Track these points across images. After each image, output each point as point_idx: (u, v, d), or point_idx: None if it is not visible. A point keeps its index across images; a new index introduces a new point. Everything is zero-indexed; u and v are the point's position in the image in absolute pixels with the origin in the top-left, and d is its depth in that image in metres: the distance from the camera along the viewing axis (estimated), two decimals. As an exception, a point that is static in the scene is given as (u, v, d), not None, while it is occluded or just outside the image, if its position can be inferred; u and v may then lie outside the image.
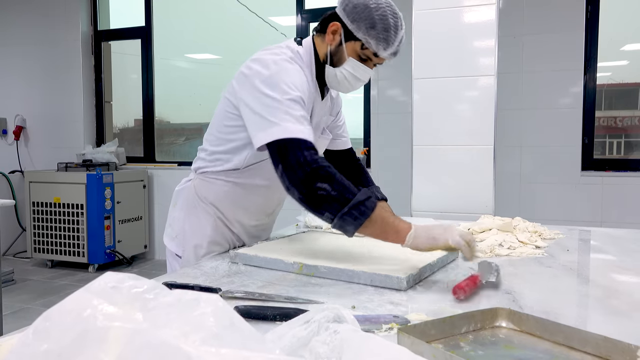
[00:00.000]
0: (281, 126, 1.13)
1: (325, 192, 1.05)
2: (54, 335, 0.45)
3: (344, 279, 1.06)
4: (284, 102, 1.15)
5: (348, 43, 1.27)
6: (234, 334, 0.48)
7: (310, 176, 1.06)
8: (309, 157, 1.08)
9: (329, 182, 1.06)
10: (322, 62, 1.34)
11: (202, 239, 1.40)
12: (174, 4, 5.32)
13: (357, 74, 1.30)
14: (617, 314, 0.87)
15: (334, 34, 1.28)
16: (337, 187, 1.06)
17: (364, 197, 1.05)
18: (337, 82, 1.32)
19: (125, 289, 0.50)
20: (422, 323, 0.72)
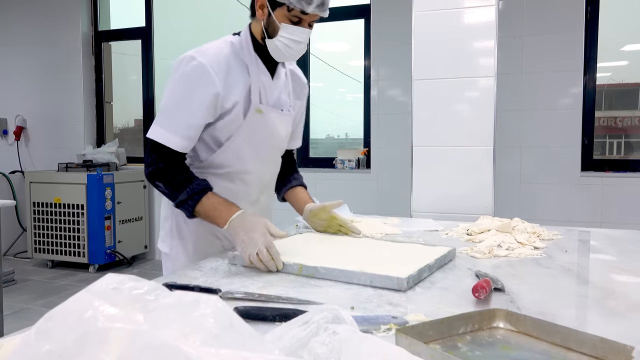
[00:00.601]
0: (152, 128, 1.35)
1: (161, 188, 1.35)
2: (56, 336, 0.45)
3: (344, 279, 1.06)
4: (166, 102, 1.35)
5: (276, 11, 1.33)
6: (234, 335, 0.48)
7: (151, 175, 1.35)
8: (155, 160, 1.33)
9: (163, 182, 1.34)
10: (260, 41, 1.41)
11: (187, 233, 1.48)
12: (174, 5, 5.33)
13: (294, 37, 1.35)
14: (614, 315, 0.88)
15: (262, 9, 1.36)
16: (168, 187, 1.33)
17: (184, 197, 1.31)
18: (280, 51, 1.37)
19: (126, 291, 0.50)
20: (420, 324, 0.73)
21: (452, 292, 1.00)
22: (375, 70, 4.21)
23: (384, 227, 1.72)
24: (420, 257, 1.19)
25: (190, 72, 1.32)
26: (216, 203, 1.30)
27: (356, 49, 4.48)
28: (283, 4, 1.30)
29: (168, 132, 1.32)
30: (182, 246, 1.48)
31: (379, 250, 1.32)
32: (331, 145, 5.08)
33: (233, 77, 1.37)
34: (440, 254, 1.24)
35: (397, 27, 4.09)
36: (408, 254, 1.26)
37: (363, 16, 4.33)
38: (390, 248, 1.34)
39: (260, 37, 1.41)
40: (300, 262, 1.13)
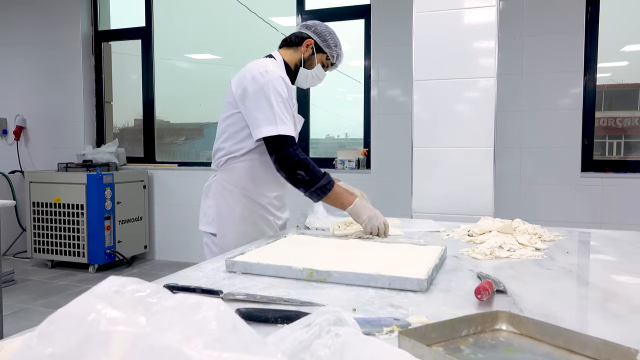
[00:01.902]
0: (273, 127, 1.62)
1: (301, 176, 1.62)
2: (58, 339, 0.45)
3: (360, 283, 1.04)
4: (273, 104, 1.63)
5: (318, 54, 1.84)
6: (236, 338, 0.48)
7: (293, 166, 1.62)
8: (292, 152, 1.62)
9: (304, 171, 1.62)
10: (292, 68, 1.84)
11: (234, 216, 1.76)
12: (174, 5, 5.33)
13: (320, 75, 1.89)
14: (616, 317, 0.88)
15: (308, 47, 1.83)
16: (310, 174, 1.62)
17: (325, 183, 1.63)
18: (307, 80, 1.87)
19: (128, 293, 0.50)
20: (423, 326, 0.73)
21: (454, 294, 1.00)
22: (375, 71, 4.21)
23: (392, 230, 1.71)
24: (421, 258, 1.19)
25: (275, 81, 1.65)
26: (342, 190, 1.67)
27: (356, 49, 4.47)
28: (325, 53, 1.84)
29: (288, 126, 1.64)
30: (228, 226, 1.76)
31: (376, 251, 1.32)
32: (331, 145, 5.07)
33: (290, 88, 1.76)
34: (437, 253, 1.24)
35: (397, 28, 4.08)
36: (407, 255, 1.26)
37: (363, 16, 4.32)
38: (385, 249, 1.34)
39: (294, 65, 1.84)
40: (311, 267, 1.10)
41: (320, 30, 1.83)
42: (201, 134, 5.85)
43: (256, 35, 5.45)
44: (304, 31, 1.84)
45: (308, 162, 1.63)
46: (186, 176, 4.82)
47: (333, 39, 1.84)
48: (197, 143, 5.85)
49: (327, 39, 1.83)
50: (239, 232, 1.74)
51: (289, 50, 1.85)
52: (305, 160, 1.62)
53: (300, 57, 1.83)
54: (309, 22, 1.86)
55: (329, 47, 1.84)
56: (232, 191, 1.77)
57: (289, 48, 1.86)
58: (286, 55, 1.85)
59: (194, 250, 4.64)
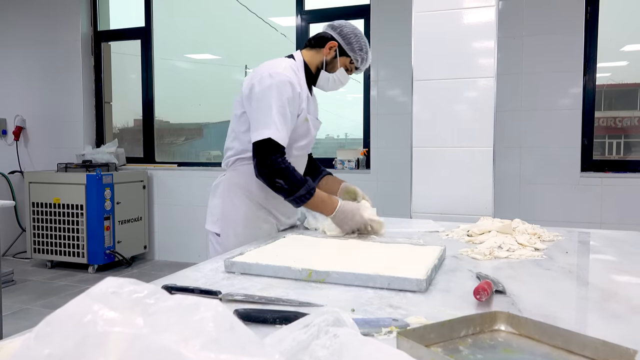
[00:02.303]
0: (263, 131, 1.59)
1: (280, 184, 1.60)
2: (55, 341, 0.45)
3: (358, 283, 1.04)
4: (272, 107, 1.59)
5: (341, 57, 1.77)
6: (234, 339, 0.48)
7: (272, 174, 1.59)
8: (274, 160, 1.58)
9: (283, 179, 1.59)
10: (314, 70, 1.79)
11: (238, 217, 1.74)
12: (174, 5, 5.33)
13: (343, 79, 1.82)
14: (615, 317, 0.88)
15: (331, 50, 1.76)
16: (289, 184, 1.59)
17: (304, 192, 1.60)
18: (328, 83, 1.80)
19: (125, 294, 0.50)
20: (422, 327, 0.73)
21: (453, 294, 1.00)
22: (375, 71, 4.21)
23: None
24: (420, 258, 1.19)
25: (281, 84, 1.61)
26: (323, 197, 1.65)
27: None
28: (349, 57, 1.76)
29: (279, 132, 1.59)
30: (232, 227, 1.74)
31: (374, 251, 1.32)
32: (331, 145, 5.08)
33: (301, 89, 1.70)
34: (437, 253, 1.24)
35: (396, 28, 4.08)
36: (406, 255, 1.26)
37: (363, 16, 4.32)
38: (384, 249, 1.34)
39: (315, 67, 1.79)
40: (310, 268, 1.10)
41: (346, 32, 1.75)
42: (201, 134, 5.85)
43: (256, 35, 5.45)
44: (328, 32, 1.77)
45: (289, 172, 1.60)
46: (186, 176, 4.82)
47: (359, 42, 1.76)
48: (197, 143, 5.85)
49: (352, 41, 1.75)
50: (242, 235, 1.71)
51: (312, 52, 1.79)
52: (286, 170, 1.59)
53: (322, 59, 1.77)
54: (336, 23, 1.79)
55: (354, 50, 1.76)
56: (237, 192, 1.75)
57: (311, 49, 1.80)
58: (307, 56, 1.79)
59: (193, 251, 4.64)
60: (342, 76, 1.79)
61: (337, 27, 1.77)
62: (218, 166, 4.81)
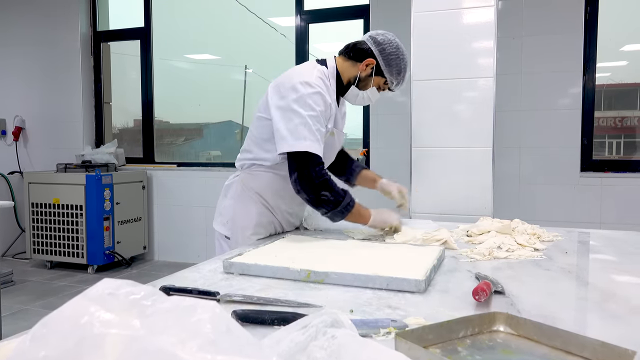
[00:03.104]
0: (301, 142, 1.49)
1: (326, 197, 1.52)
2: (51, 342, 0.45)
3: (357, 284, 1.04)
4: (306, 119, 1.50)
5: (376, 77, 1.67)
6: (231, 341, 0.48)
7: (319, 186, 1.52)
8: (319, 172, 1.51)
9: (329, 192, 1.53)
10: (345, 81, 1.69)
11: (249, 221, 1.68)
12: (174, 5, 5.32)
13: (373, 98, 1.73)
14: (615, 318, 0.87)
15: (367, 67, 1.66)
16: (334, 195, 1.53)
17: (348, 201, 1.55)
18: (356, 99, 1.73)
19: (122, 296, 0.50)
20: (420, 328, 0.72)
21: (452, 295, 1.00)
22: (374, 71, 4.21)
23: None
24: (419, 258, 1.19)
25: (312, 95, 1.53)
26: (361, 210, 1.61)
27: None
28: (384, 77, 1.67)
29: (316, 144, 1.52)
30: (242, 230, 1.69)
31: (373, 252, 1.32)
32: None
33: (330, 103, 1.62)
34: (436, 254, 1.23)
35: (396, 28, 4.03)
36: (405, 255, 1.25)
37: (362, 16, 4.32)
38: (382, 250, 1.34)
39: (347, 79, 1.69)
40: (308, 268, 1.09)
41: (388, 52, 1.63)
42: (200, 134, 5.85)
43: (255, 35, 5.45)
44: (370, 46, 1.65)
45: (333, 183, 1.54)
46: (185, 177, 4.82)
47: (398, 65, 1.64)
48: (197, 143, 5.85)
49: (392, 63, 1.64)
50: (250, 240, 1.67)
51: (347, 63, 1.69)
52: (330, 181, 1.53)
53: (356, 74, 1.67)
54: (380, 37, 1.65)
55: (392, 73, 1.66)
56: (251, 197, 1.69)
57: (347, 59, 1.69)
58: (342, 66, 1.69)
59: (193, 251, 4.64)
60: (372, 95, 1.71)
61: (380, 43, 1.64)
62: (218, 166, 4.80)
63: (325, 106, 1.56)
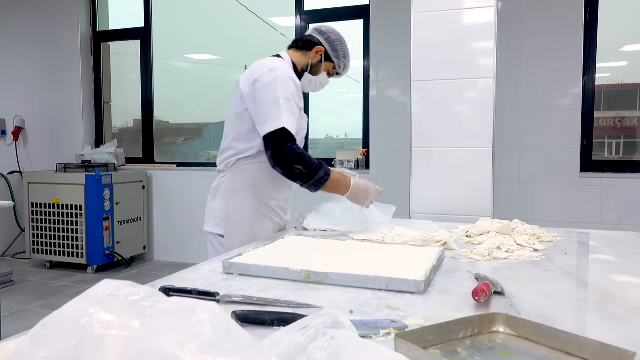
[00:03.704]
0: (275, 121, 1.61)
1: (299, 170, 1.62)
2: (51, 344, 0.45)
3: (357, 285, 1.04)
4: (279, 99, 1.62)
5: (325, 62, 1.84)
6: (231, 342, 0.48)
7: (290, 161, 1.61)
8: (289, 147, 1.61)
9: (302, 164, 1.62)
10: (299, 69, 1.84)
11: (243, 216, 1.74)
12: (174, 5, 5.32)
13: (324, 83, 1.90)
14: (614, 319, 0.87)
15: (317, 53, 1.83)
16: (307, 168, 1.63)
17: (322, 174, 1.65)
18: (310, 85, 1.87)
19: (122, 297, 0.49)
20: (420, 329, 0.72)
21: (451, 296, 1.00)
22: (374, 71, 4.21)
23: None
24: (418, 259, 1.19)
25: (283, 78, 1.66)
26: (337, 177, 1.71)
27: (355, 49, 4.47)
28: (333, 62, 1.84)
29: (290, 121, 1.62)
30: (237, 227, 1.74)
31: (373, 252, 1.32)
32: (330, 145, 5.07)
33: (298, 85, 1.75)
34: (435, 254, 1.23)
35: (396, 28, 4.08)
36: (405, 256, 1.25)
37: (362, 17, 4.32)
38: (382, 250, 1.33)
39: (301, 67, 1.84)
40: (308, 269, 1.09)
41: (333, 39, 1.82)
42: (200, 134, 5.84)
43: (255, 35, 5.45)
44: (316, 36, 1.83)
45: (305, 155, 1.64)
46: (185, 177, 4.82)
47: (344, 49, 1.84)
48: (197, 143, 5.84)
49: (337, 49, 1.82)
50: (248, 234, 1.71)
51: (298, 53, 1.85)
52: (302, 154, 1.63)
53: (308, 62, 1.83)
54: (323, 28, 1.85)
55: (338, 57, 1.83)
56: (242, 192, 1.75)
57: (298, 50, 1.86)
58: (294, 57, 1.85)
59: (193, 251, 4.63)
60: (323, 80, 1.87)
61: (325, 32, 1.83)
62: (217, 166, 4.80)
63: (296, 87, 1.70)
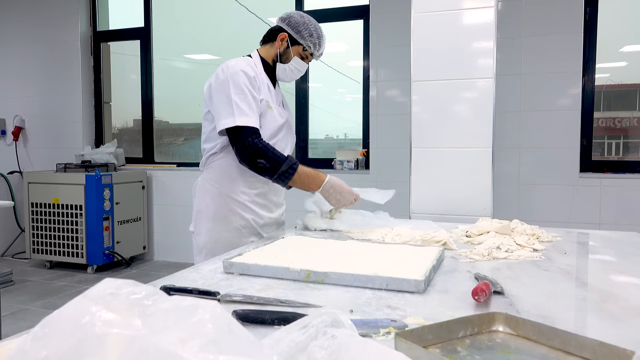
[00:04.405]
0: (232, 118, 1.63)
1: (262, 164, 1.62)
2: (52, 342, 0.45)
3: (357, 284, 1.04)
4: (231, 96, 1.64)
5: (293, 47, 1.80)
6: (232, 341, 0.48)
7: (252, 155, 1.61)
8: (250, 142, 1.61)
9: (264, 158, 1.61)
10: (271, 63, 1.84)
11: (209, 214, 1.78)
12: (173, 5, 5.32)
13: (300, 67, 1.84)
14: (613, 318, 0.88)
15: (282, 41, 1.81)
16: (270, 162, 1.62)
17: (286, 168, 1.63)
18: (286, 74, 1.84)
19: (123, 295, 0.50)
20: (420, 328, 0.73)
21: (451, 295, 1.00)
22: (374, 71, 4.21)
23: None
24: (418, 259, 1.19)
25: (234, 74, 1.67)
26: (308, 172, 1.67)
27: (355, 49, 4.47)
28: (301, 45, 1.79)
29: (245, 117, 1.63)
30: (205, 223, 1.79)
31: (373, 252, 1.32)
32: (330, 145, 5.07)
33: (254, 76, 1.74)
34: (435, 254, 1.24)
35: (396, 28, 4.09)
36: (405, 256, 1.25)
37: (362, 17, 4.33)
38: (382, 250, 1.34)
39: (271, 60, 1.84)
40: (308, 268, 1.10)
41: (294, 22, 1.79)
42: (200, 134, 5.84)
43: (255, 35, 5.44)
44: (278, 24, 1.83)
45: (267, 149, 1.63)
46: (185, 177, 4.82)
47: (307, 29, 1.78)
48: (196, 143, 5.84)
49: (300, 29, 1.78)
50: (211, 231, 1.76)
51: (266, 46, 1.85)
52: (264, 148, 1.62)
53: (276, 52, 1.82)
54: (284, 14, 1.83)
55: (304, 38, 1.79)
56: (210, 189, 1.79)
57: (266, 44, 1.86)
58: (263, 51, 1.86)
59: (192, 251, 4.63)
60: (298, 64, 1.82)
61: (285, 18, 1.81)
62: (217, 166, 4.81)
63: (249, 79, 1.68)
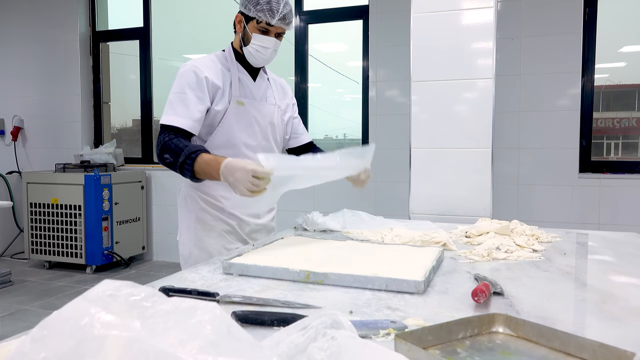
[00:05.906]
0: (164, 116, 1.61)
1: (167, 159, 1.55)
2: (51, 344, 0.45)
3: (357, 285, 1.04)
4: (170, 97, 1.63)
5: (249, 24, 1.66)
6: (231, 342, 0.48)
7: (160, 151, 1.56)
8: (162, 139, 1.56)
9: (168, 153, 1.54)
10: (240, 51, 1.73)
11: (189, 221, 1.76)
12: (173, 5, 5.32)
13: (263, 44, 1.67)
14: (613, 319, 0.88)
15: (239, 23, 1.70)
16: (172, 155, 1.53)
17: (182, 159, 1.50)
18: (253, 56, 1.70)
19: (122, 297, 0.50)
20: (419, 329, 0.72)
21: (451, 296, 1.00)
22: (373, 71, 4.21)
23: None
24: (418, 259, 1.19)
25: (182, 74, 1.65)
26: (208, 159, 1.47)
27: (354, 49, 4.47)
28: (253, 18, 1.63)
29: (172, 116, 1.59)
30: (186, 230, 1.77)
31: (373, 253, 1.32)
32: (330, 145, 5.07)
33: (216, 74, 1.67)
34: (435, 255, 1.23)
35: (395, 28, 4.09)
36: (404, 256, 1.25)
37: (361, 17, 4.32)
38: (381, 251, 1.34)
39: (239, 48, 1.73)
40: (308, 269, 1.10)
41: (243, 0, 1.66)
42: (199, 134, 5.84)
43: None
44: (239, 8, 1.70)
45: (172, 143, 1.53)
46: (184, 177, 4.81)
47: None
48: (195, 144, 5.84)
49: (246, 3, 1.62)
50: (194, 239, 1.73)
51: (235, 37, 1.76)
52: (170, 142, 1.53)
53: (239, 38, 1.71)
54: None
55: (252, 10, 1.61)
56: (191, 196, 1.76)
57: (235, 35, 1.76)
58: (235, 43, 1.76)
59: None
60: (259, 41, 1.65)
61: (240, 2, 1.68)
62: (216, 167, 4.80)
63: (198, 78, 1.62)
